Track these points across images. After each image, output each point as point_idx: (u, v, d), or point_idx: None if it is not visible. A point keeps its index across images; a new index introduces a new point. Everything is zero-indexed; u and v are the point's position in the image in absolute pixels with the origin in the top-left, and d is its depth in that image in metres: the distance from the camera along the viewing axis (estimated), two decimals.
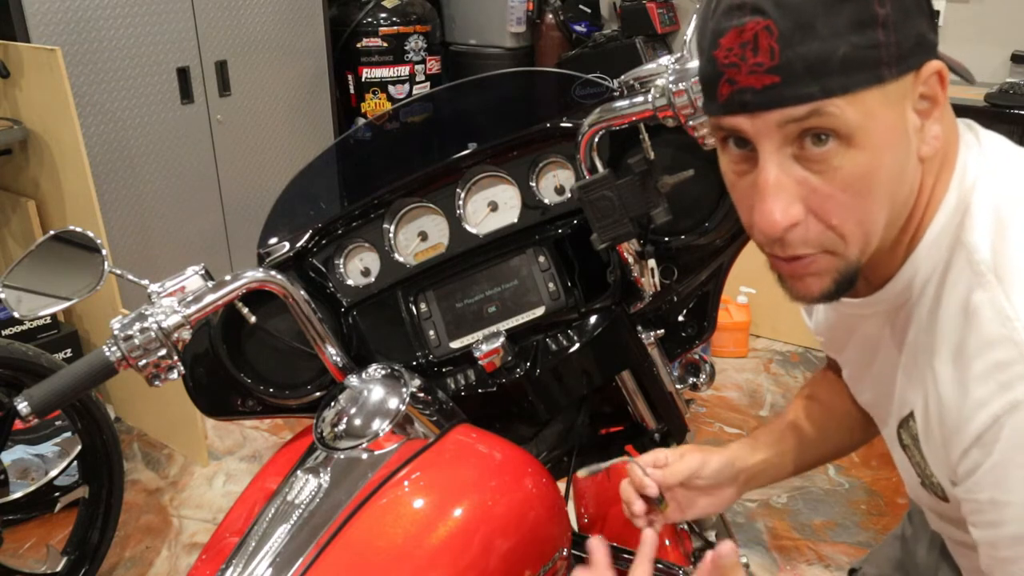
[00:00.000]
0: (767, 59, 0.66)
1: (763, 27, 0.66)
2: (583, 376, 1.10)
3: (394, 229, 1.14)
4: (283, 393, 1.13)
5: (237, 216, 3.33)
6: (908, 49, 0.67)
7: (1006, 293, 0.69)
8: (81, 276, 0.99)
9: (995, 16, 3.07)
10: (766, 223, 0.70)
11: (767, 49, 0.66)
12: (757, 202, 0.71)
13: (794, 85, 0.66)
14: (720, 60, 0.69)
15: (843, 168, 0.68)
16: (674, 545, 1.30)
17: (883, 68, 0.66)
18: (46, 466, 2.44)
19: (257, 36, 3.26)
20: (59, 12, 2.68)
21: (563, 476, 1.19)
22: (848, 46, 0.65)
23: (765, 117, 0.68)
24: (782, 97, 0.67)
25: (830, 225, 0.71)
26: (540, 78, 1.61)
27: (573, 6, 4.11)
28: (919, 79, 0.69)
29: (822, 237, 0.71)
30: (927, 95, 0.70)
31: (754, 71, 0.67)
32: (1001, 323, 0.68)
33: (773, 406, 2.96)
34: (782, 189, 0.69)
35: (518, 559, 0.95)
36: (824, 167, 0.69)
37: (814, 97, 0.66)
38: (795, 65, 0.65)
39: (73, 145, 2.44)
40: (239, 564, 0.90)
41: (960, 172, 0.75)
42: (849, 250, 0.72)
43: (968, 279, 0.72)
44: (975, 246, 0.72)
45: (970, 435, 0.71)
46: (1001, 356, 0.68)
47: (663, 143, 1.03)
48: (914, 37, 0.67)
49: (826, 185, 0.69)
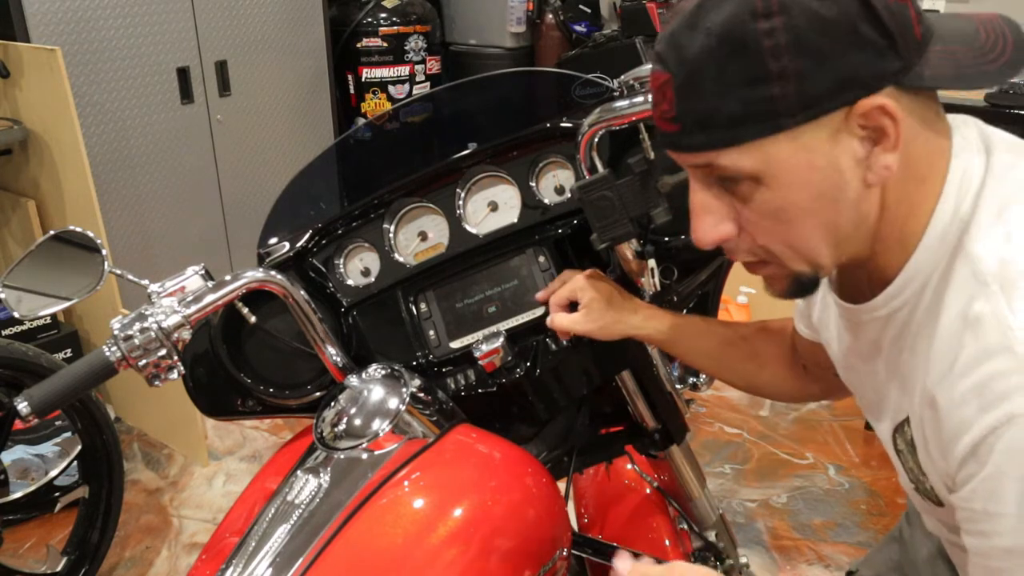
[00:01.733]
0: (670, 108, 0.72)
1: (665, 80, 0.71)
2: (583, 376, 1.10)
3: (394, 229, 1.14)
4: (283, 393, 1.13)
5: (237, 216, 3.33)
6: (819, 95, 0.67)
7: (1008, 303, 0.68)
8: (81, 276, 0.99)
9: None
10: (695, 238, 0.77)
11: (670, 99, 0.71)
12: (691, 218, 0.77)
13: (689, 135, 0.71)
14: (652, 97, 0.75)
15: (756, 200, 0.73)
16: (674, 545, 1.30)
17: (782, 119, 0.68)
18: (46, 466, 2.44)
19: (257, 36, 3.26)
20: (59, 12, 2.69)
21: (563, 476, 1.19)
22: (737, 102, 0.68)
23: (676, 156, 0.75)
24: (679, 145, 0.73)
25: (758, 244, 0.76)
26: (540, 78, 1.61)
27: (573, 6, 4.11)
28: (853, 114, 0.68)
29: (756, 251, 0.77)
30: (869, 127, 0.69)
31: (663, 116, 0.73)
32: (1002, 333, 0.68)
33: (773, 406, 2.96)
34: (708, 211, 0.76)
35: (518, 559, 0.95)
36: (741, 197, 0.73)
37: (704, 148, 0.71)
38: (687, 118, 0.71)
39: (73, 145, 2.44)
40: (239, 564, 0.90)
41: (956, 179, 0.74)
42: (789, 263, 0.76)
43: (971, 288, 0.71)
44: (980, 256, 0.71)
45: (966, 445, 0.70)
46: (999, 366, 0.68)
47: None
48: (832, 80, 0.67)
49: (746, 211, 0.74)
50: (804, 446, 2.75)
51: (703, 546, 1.38)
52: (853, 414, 2.89)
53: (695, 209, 0.76)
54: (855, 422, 2.85)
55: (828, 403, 2.97)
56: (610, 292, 1.04)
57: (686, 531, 1.38)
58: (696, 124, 0.70)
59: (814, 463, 2.67)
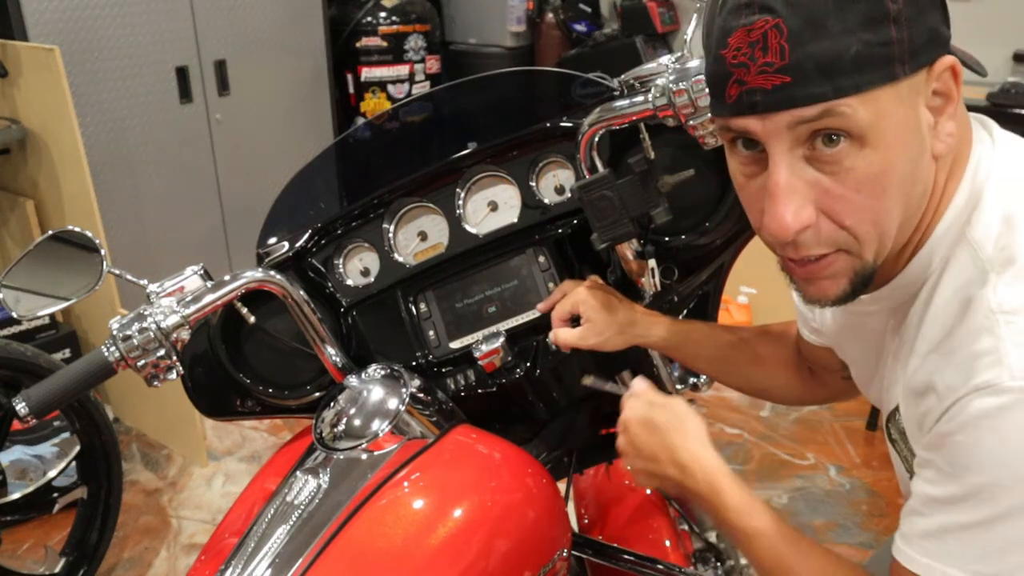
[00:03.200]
0: (777, 59, 0.65)
1: (772, 26, 0.64)
2: (583, 376, 1.10)
3: (394, 229, 1.13)
4: (282, 393, 1.13)
5: (236, 216, 3.33)
6: (921, 45, 0.66)
7: (995, 286, 0.69)
8: (80, 276, 0.99)
9: (997, 15, 3.07)
10: (777, 227, 0.69)
11: (777, 48, 0.64)
12: (768, 205, 0.70)
13: (805, 85, 0.65)
14: (728, 60, 0.67)
15: (856, 168, 0.67)
16: (674, 546, 1.30)
17: (896, 65, 0.65)
18: (44, 467, 2.44)
19: (256, 35, 3.26)
20: (57, 11, 2.68)
21: (563, 476, 1.19)
22: (860, 44, 0.64)
23: (775, 118, 0.67)
24: (793, 97, 0.65)
25: (843, 226, 0.70)
26: (540, 78, 1.60)
27: (573, 5, 4.11)
28: (932, 75, 0.68)
29: (836, 236, 0.71)
30: (940, 91, 0.69)
31: (764, 71, 0.65)
32: (986, 315, 0.68)
33: (773, 406, 2.96)
34: (793, 191, 0.68)
35: (518, 559, 0.94)
36: (836, 168, 0.68)
37: (826, 97, 0.65)
38: (806, 64, 0.64)
39: (72, 145, 2.43)
40: (238, 565, 0.89)
41: (972, 169, 0.74)
42: (864, 250, 0.72)
43: (969, 274, 0.71)
44: (980, 243, 0.71)
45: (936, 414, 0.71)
46: (980, 346, 0.68)
47: (663, 143, 1.02)
48: (927, 32, 0.66)
49: (838, 186, 0.68)
50: (805, 447, 2.74)
51: (704, 547, 1.38)
52: (854, 415, 2.89)
53: (778, 192, 0.68)
54: (856, 423, 2.85)
55: (829, 404, 2.96)
56: (610, 302, 1.03)
57: (686, 532, 1.38)
58: (818, 70, 0.64)
59: (815, 464, 2.66)
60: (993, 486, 0.66)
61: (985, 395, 0.66)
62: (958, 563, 0.69)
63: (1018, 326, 0.66)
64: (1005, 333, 0.66)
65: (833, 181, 0.68)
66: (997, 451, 0.65)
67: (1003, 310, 0.67)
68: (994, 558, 0.67)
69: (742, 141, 0.72)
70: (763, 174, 0.71)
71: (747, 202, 0.75)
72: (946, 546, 0.70)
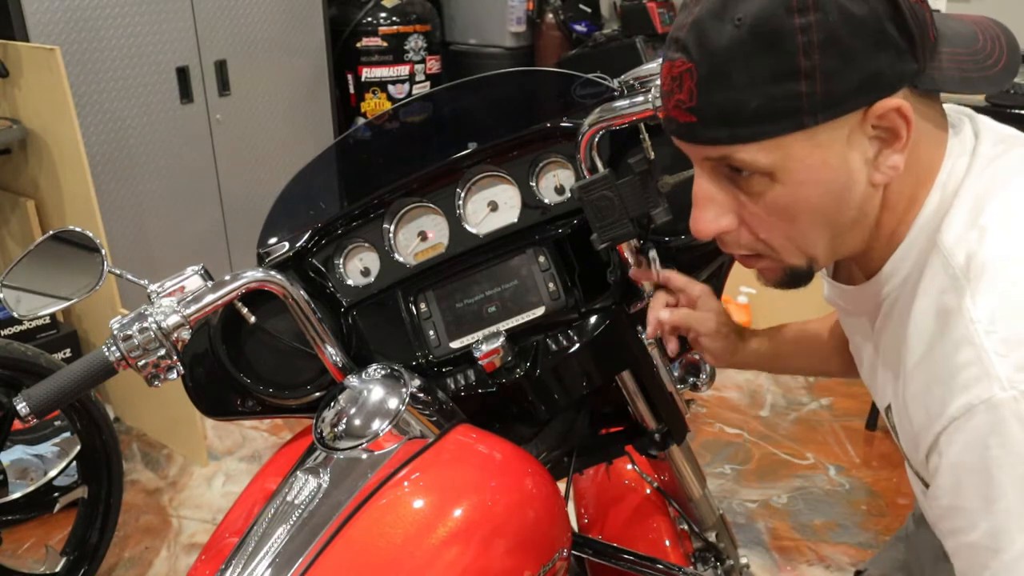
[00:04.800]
0: (687, 98, 0.70)
1: (686, 69, 0.69)
2: (583, 376, 1.10)
3: (394, 229, 1.13)
4: (283, 393, 1.13)
5: (236, 216, 3.33)
6: (843, 94, 0.67)
7: (972, 296, 0.69)
8: (80, 276, 0.99)
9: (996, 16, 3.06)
10: (694, 229, 0.76)
11: (688, 90, 0.69)
12: (692, 209, 0.76)
13: (707, 128, 0.70)
14: (662, 84, 0.73)
15: (765, 196, 0.72)
16: (674, 545, 1.30)
17: (804, 117, 0.67)
18: (45, 466, 2.44)
19: (257, 36, 3.26)
20: (58, 11, 2.68)
21: (563, 476, 1.19)
22: (763, 98, 0.67)
23: (687, 147, 0.74)
24: (696, 136, 0.71)
25: (759, 238, 0.75)
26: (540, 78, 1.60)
27: (573, 6, 4.10)
28: (870, 115, 0.69)
29: (754, 245, 0.77)
30: (883, 127, 0.70)
31: (678, 106, 0.71)
32: (964, 325, 0.68)
33: (773, 406, 2.96)
34: (711, 202, 0.75)
35: (518, 559, 0.94)
36: (749, 191, 0.73)
37: (723, 142, 0.70)
38: (708, 110, 0.69)
39: (72, 145, 2.43)
40: (239, 564, 0.90)
41: (944, 175, 0.75)
42: (785, 258, 0.76)
43: (941, 282, 0.72)
44: (950, 250, 0.72)
45: (930, 437, 0.71)
46: (961, 359, 0.68)
47: (663, 143, 1.02)
48: (857, 80, 0.67)
49: (752, 205, 0.73)
50: (804, 446, 2.75)
51: (703, 547, 1.38)
52: (853, 414, 2.89)
53: (698, 199, 0.75)
54: (855, 422, 2.85)
55: (829, 403, 2.97)
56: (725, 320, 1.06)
57: (686, 531, 1.38)
58: (717, 117, 0.69)
59: (814, 463, 2.66)
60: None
61: (981, 413, 0.66)
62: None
63: (998, 336, 0.66)
64: (987, 344, 0.66)
65: (748, 200, 0.73)
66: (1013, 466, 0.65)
67: (980, 320, 0.67)
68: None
69: None
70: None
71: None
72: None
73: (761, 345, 1.11)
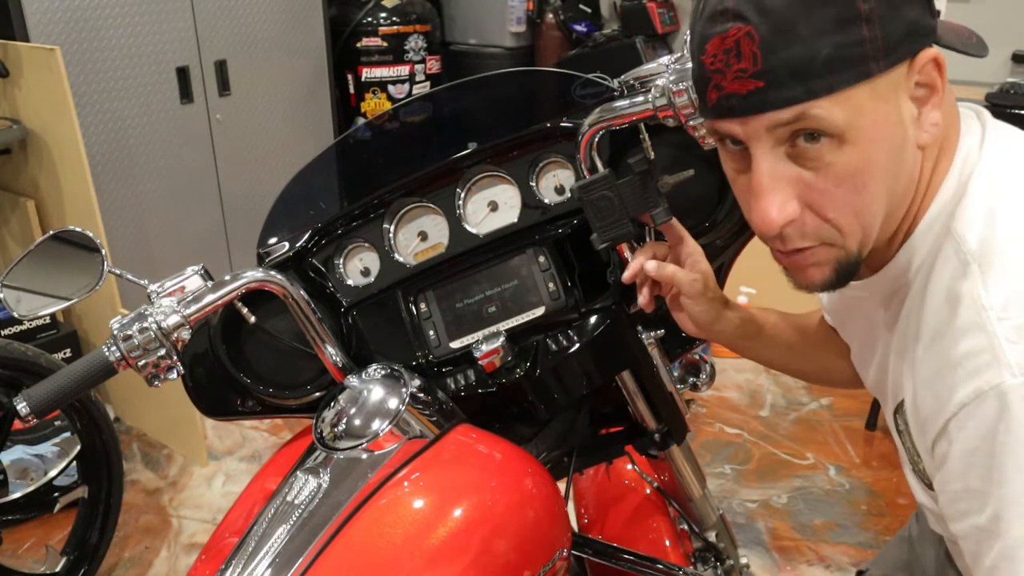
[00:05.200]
0: (750, 65, 0.67)
1: (744, 33, 0.67)
2: (583, 376, 1.10)
3: (394, 229, 1.13)
4: (283, 393, 1.13)
5: (236, 216, 3.33)
6: (897, 41, 0.67)
7: (984, 282, 0.69)
8: (80, 276, 0.99)
9: (995, 16, 3.07)
10: (762, 222, 0.72)
11: (750, 55, 0.67)
12: (753, 202, 0.72)
13: (778, 89, 0.67)
14: (707, 66, 0.70)
15: (836, 164, 0.69)
16: (674, 545, 1.30)
17: (870, 63, 0.66)
18: (45, 466, 2.44)
19: (257, 36, 3.26)
20: (58, 11, 2.68)
21: (563, 476, 1.19)
22: (831, 46, 0.65)
23: (753, 121, 0.69)
24: (766, 102, 0.68)
25: (827, 219, 0.72)
26: (540, 78, 1.60)
27: (573, 6, 4.10)
28: (914, 68, 0.69)
29: (820, 230, 0.73)
30: (923, 83, 0.70)
31: (738, 77, 0.68)
32: (976, 312, 0.69)
33: (773, 406, 2.96)
34: (776, 189, 0.71)
35: (518, 559, 0.94)
36: (817, 164, 0.70)
37: (798, 100, 0.67)
38: (778, 70, 0.66)
39: (72, 145, 2.43)
40: (239, 564, 0.90)
41: (960, 160, 0.75)
42: (848, 242, 0.74)
43: (954, 268, 0.72)
44: (963, 236, 0.72)
45: (940, 422, 0.71)
46: (972, 345, 0.68)
47: (663, 143, 1.03)
48: (904, 27, 0.67)
49: (821, 181, 0.70)
50: (804, 446, 2.75)
51: (703, 546, 1.38)
52: (853, 414, 2.89)
53: (762, 188, 0.71)
54: (855, 422, 2.85)
55: (828, 403, 2.97)
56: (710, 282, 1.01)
57: (686, 531, 1.38)
58: (790, 74, 0.66)
59: (814, 463, 2.66)
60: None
61: (990, 399, 0.66)
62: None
63: (1010, 323, 0.67)
64: (999, 331, 0.67)
65: (815, 176, 0.70)
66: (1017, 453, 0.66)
67: (993, 307, 0.68)
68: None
69: (729, 139, 0.74)
70: (749, 170, 0.73)
71: (738, 196, 0.79)
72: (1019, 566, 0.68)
73: (743, 320, 1.07)
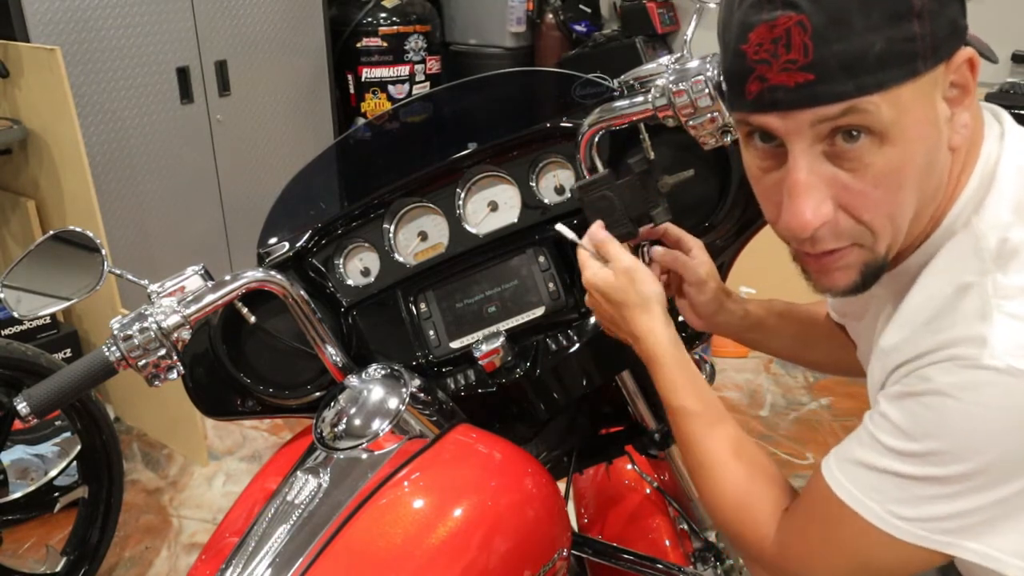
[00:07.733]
0: (800, 56, 0.64)
1: (796, 22, 0.64)
2: (583, 376, 1.10)
3: (394, 229, 1.14)
4: (283, 393, 1.13)
5: (237, 216, 3.33)
6: (942, 38, 0.66)
7: (994, 276, 0.69)
8: (81, 276, 0.99)
9: (995, 16, 3.07)
10: (797, 224, 0.69)
11: (800, 46, 0.64)
12: (787, 202, 0.70)
13: (829, 83, 0.64)
14: (749, 55, 0.67)
15: (875, 164, 0.67)
16: (674, 545, 1.31)
17: (919, 61, 0.65)
18: (45, 466, 2.44)
19: (257, 36, 3.26)
20: (59, 12, 2.68)
21: (563, 476, 1.19)
22: (884, 41, 0.63)
23: (798, 116, 0.67)
24: (816, 96, 0.65)
25: (861, 220, 0.70)
26: (540, 78, 1.61)
27: (573, 6, 4.10)
28: (950, 68, 0.68)
29: (853, 231, 0.71)
30: (958, 83, 0.69)
31: (787, 68, 0.65)
32: (983, 301, 0.68)
33: (773, 406, 2.96)
34: (813, 188, 0.68)
35: (518, 559, 0.95)
36: (855, 164, 0.68)
37: (849, 95, 0.65)
38: (830, 62, 0.64)
39: (73, 145, 2.43)
40: (239, 564, 0.90)
41: (984, 160, 0.74)
42: (878, 244, 0.72)
43: (967, 261, 0.72)
44: (984, 233, 0.71)
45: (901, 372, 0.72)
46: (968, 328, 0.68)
47: (663, 143, 1.03)
48: (948, 25, 0.66)
49: (857, 182, 0.68)
50: (804, 446, 2.74)
51: (703, 546, 1.38)
52: (853, 414, 2.88)
53: (797, 188, 0.68)
54: (855, 422, 2.82)
55: (828, 403, 2.97)
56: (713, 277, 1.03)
57: (686, 531, 1.38)
58: (842, 68, 0.64)
59: (815, 464, 2.66)
60: (947, 453, 0.68)
61: (962, 366, 0.67)
62: (880, 500, 0.71)
63: (1008, 309, 0.67)
64: (997, 317, 0.67)
65: (852, 177, 0.68)
66: (962, 424, 0.67)
67: (999, 296, 0.68)
68: (915, 505, 0.70)
69: (759, 134, 0.72)
70: (780, 168, 0.71)
71: (762, 195, 0.76)
72: (878, 483, 0.72)
73: (746, 311, 1.07)
